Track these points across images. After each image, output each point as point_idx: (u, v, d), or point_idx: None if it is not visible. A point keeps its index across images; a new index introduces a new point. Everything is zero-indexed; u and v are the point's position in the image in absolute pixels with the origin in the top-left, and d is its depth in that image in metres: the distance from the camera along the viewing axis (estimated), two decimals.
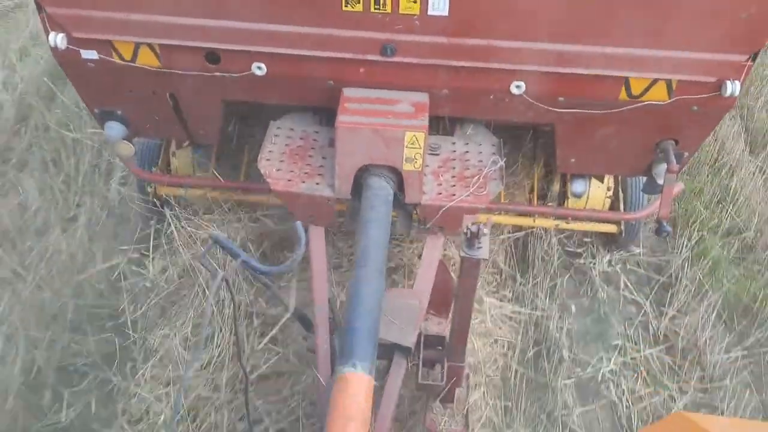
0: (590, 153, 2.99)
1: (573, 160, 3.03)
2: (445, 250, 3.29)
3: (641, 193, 3.44)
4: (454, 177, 2.88)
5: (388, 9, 2.46)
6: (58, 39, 2.59)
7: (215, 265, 2.97)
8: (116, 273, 3.62)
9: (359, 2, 2.45)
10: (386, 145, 2.63)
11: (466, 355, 2.65)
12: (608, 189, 3.56)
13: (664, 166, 2.87)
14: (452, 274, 2.86)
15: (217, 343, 3.19)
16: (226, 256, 2.43)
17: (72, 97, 4.56)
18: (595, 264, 3.79)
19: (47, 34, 2.61)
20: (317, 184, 2.82)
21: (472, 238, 2.13)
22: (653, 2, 2.36)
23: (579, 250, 3.86)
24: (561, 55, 2.52)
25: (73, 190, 4.15)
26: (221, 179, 3.47)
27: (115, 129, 3.02)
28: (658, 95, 2.63)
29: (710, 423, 1.45)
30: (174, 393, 3.05)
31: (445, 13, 2.44)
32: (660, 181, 2.95)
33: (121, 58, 2.69)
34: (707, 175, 4.39)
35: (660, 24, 2.41)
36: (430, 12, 2.45)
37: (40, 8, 2.56)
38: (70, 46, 2.63)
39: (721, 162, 4.48)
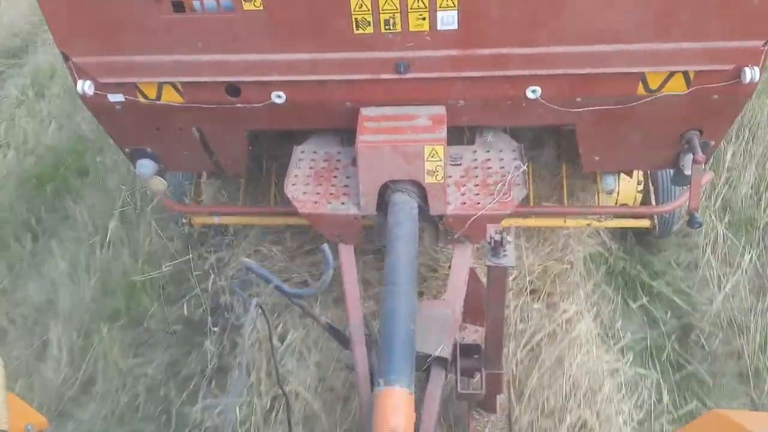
0: (614, 149, 2.98)
1: (597, 158, 3.02)
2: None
3: (672, 185, 3.40)
4: (477, 185, 2.89)
5: (399, 28, 2.50)
6: (86, 86, 2.71)
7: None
8: None
9: (370, 25, 2.50)
10: (407, 161, 2.67)
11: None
12: (638, 183, 3.53)
13: (690, 156, 2.83)
14: (483, 281, 2.87)
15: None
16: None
17: None
18: None
19: (75, 82, 2.73)
20: (343, 203, 2.87)
21: (497, 247, 2.15)
22: None
23: None
24: (574, 56, 2.53)
25: None
26: (251, 206, 3.55)
27: (146, 166, 3.13)
28: (677, 87, 2.61)
29: (747, 419, 1.43)
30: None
31: (455, 26, 2.48)
32: (687, 172, 2.92)
33: (145, 97, 2.80)
34: None
35: (672, 16, 2.40)
36: (439, 27, 2.49)
37: (66, 58, 2.69)
38: (98, 92, 2.75)
39: None
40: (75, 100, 5.22)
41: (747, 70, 2.47)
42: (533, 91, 2.66)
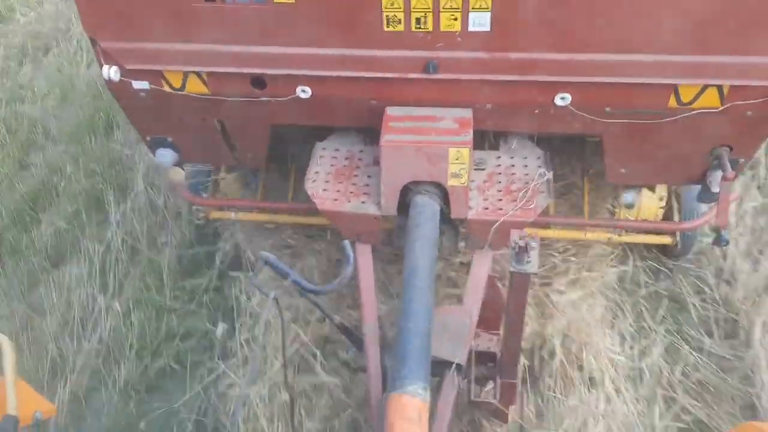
0: (640, 162, 2.93)
1: (623, 170, 2.97)
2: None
3: (697, 202, 3.34)
4: (500, 191, 2.85)
5: (429, 27, 2.47)
6: (111, 71, 2.70)
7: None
8: None
9: (400, 23, 2.47)
10: (430, 162, 2.63)
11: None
12: (660, 199, 3.47)
13: (719, 173, 2.78)
14: (501, 289, 2.83)
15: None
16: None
17: None
18: None
19: (101, 67, 2.72)
20: (363, 202, 2.84)
21: (521, 252, 2.11)
22: (698, 7, 2.30)
23: None
24: (606, 64, 2.48)
25: None
26: (269, 202, 3.53)
27: (166, 156, 3.12)
28: (710, 102, 2.56)
29: None
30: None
31: (487, 28, 2.44)
32: (715, 189, 2.86)
33: (170, 87, 2.78)
34: None
35: (710, 29, 2.35)
36: (471, 28, 2.45)
37: (94, 43, 2.68)
38: (123, 78, 2.74)
39: None
40: None
41: None
42: (562, 98, 2.62)
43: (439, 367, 2.42)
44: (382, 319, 2.81)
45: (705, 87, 2.52)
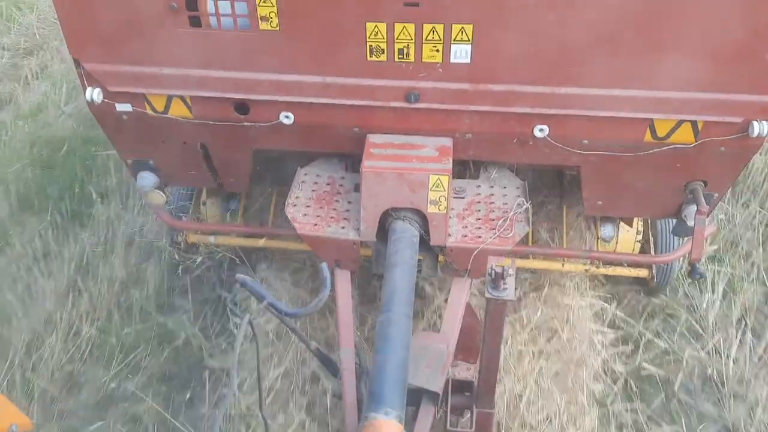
0: (617, 195, 2.98)
1: (600, 202, 3.01)
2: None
3: (672, 236, 3.39)
4: (479, 219, 2.88)
5: (412, 58, 2.52)
6: (94, 93, 2.70)
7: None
8: None
9: (383, 53, 2.51)
10: (411, 189, 2.66)
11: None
12: (638, 233, 3.52)
13: (693, 207, 2.83)
14: (479, 317, 2.83)
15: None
16: None
17: None
18: None
19: (84, 89, 2.73)
20: (343, 228, 2.85)
21: (497, 279, 2.12)
22: (674, 44, 2.37)
23: None
24: (583, 98, 2.54)
25: None
26: (250, 226, 3.52)
27: (147, 179, 3.11)
28: (684, 137, 2.62)
29: None
30: None
31: (467, 60, 2.49)
32: (690, 223, 2.91)
33: (153, 110, 2.79)
34: None
35: (683, 66, 2.42)
36: (452, 60, 2.50)
37: (78, 64, 2.69)
38: (106, 100, 2.74)
39: None
40: None
41: (755, 123, 2.49)
42: (541, 130, 2.67)
43: (415, 396, 2.41)
44: (359, 345, 2.79)
45: (680, 122, 2.58)
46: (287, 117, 2.75)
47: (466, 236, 2.80)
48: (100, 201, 4.50)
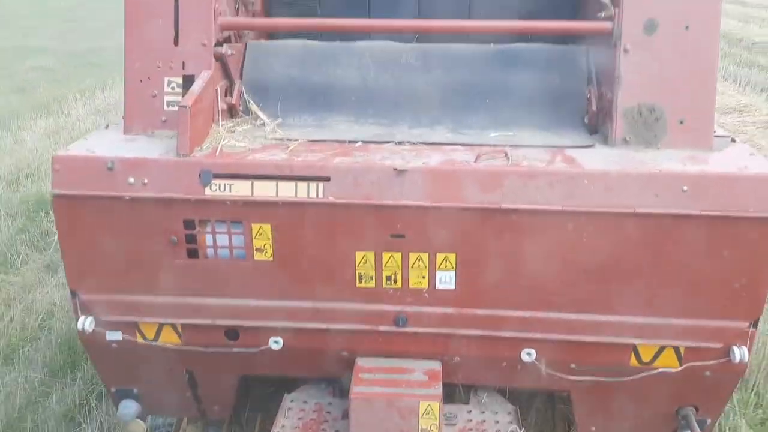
0: (610, 420, 2.92)
1: (593, 427, 2.94)
2: None
3: None
4: None
5: (399, 285, 2.62)
6: (86, 323, 2.72)
7: None
8: None
9: (372, 279, 2.62)
10: (401, 416, 2.60)
11: None
12: None
13: None
14: None
15: None
16: None
17: None
18: None
19: (77, 318, 2.75)
20: None
21: None
22: (650, 273, 2.48)
23: None
24: (568, 323, 2.60)
25: None
26: None
27: (130, 408, 3.01)
28: (668, 362, 2.65)
29: None
30: None
31: (452, 286, 2.60)
32: None
33: (144, 338, 2.80)
34: None
35: (660, 293, 2.52)
36: (438, 286, 2.60)
37: (74, 294, 2.74)
38: (97, 329, 2.76)
39: None
40: None
41: (736, 349, 2.53)
42: (528, 354, 2.69)
43: None
44: None
45: (663, 347, 2.63)
46: (276, 342, 2.77)
47: None
48: None
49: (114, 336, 2.79)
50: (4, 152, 8.07)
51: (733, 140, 2.70)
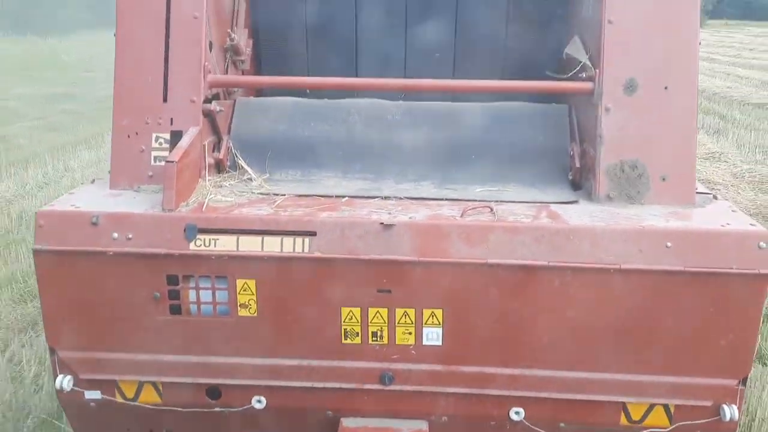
0: None
1: None
2: None
3: None
4: None
5: (385, 341, 2.58)
6: (65, 382, 2.65)
7: None
8: None
9: (358, 335, 2.59)
10: None
11: None
12: None
13: None
14: None
15: None
16: None
17: None
18: None
19: (55, 377, 2.69)
20: None
21: None
22: (637, 330, 2.47)
23: None
24: (556, 381, 2.57)
25: None
26: None
27: None
28: (659, 420, 2.61)
29: None
30: None
31: (439, 343, 2.56)
32: None
33: (123, 396, 2.73)
34: None
35: (648, 350, 2.50)
36: (425, 342, 2.57)
37: (52, 352, 2.68)
38: (76, 388, 2.69)
39: None
40: None
41: (725, 407, 2.50)
42: (516, 413, 2.64)
43: None
44: None
45: (652, 406, 2.59)
46: (259, 401, 2.70)
47: None
48: None
49: (92, 395, 2.71)
50: (60, 177, 9.32)
51: (715, 197, 2.74)
